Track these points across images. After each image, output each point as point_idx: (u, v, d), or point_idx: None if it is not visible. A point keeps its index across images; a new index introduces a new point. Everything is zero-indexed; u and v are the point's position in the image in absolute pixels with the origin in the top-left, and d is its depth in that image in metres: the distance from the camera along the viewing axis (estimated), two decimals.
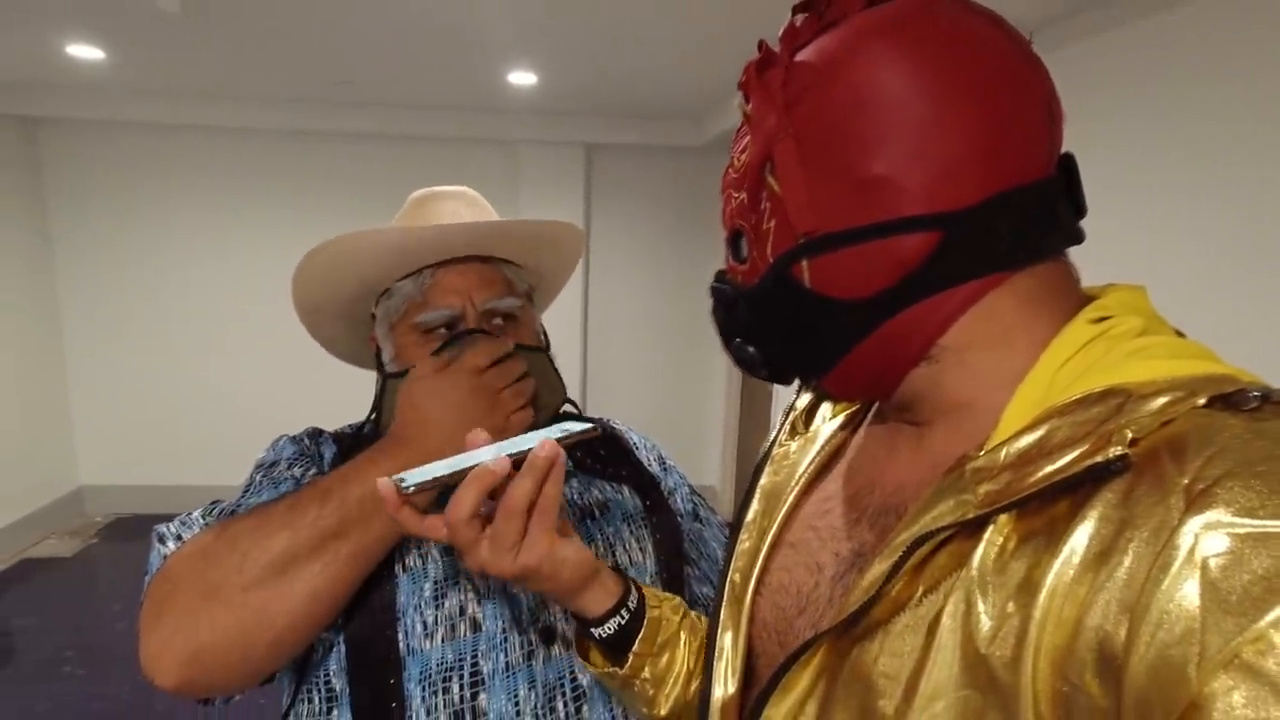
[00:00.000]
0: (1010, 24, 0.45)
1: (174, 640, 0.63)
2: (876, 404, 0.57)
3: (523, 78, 3.04)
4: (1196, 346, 0.41)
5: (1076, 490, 0.35)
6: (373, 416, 0.87)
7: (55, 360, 4.11)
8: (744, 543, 0.60)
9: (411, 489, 0.55)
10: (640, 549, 0.87)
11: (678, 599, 0.72)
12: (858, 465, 0.55)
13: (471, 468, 0.56)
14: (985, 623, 0.36)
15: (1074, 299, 0.45)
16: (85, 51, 2.82)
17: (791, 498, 0.57)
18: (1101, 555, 0.33)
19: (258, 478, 0.80)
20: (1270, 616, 0.27)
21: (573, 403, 0.92)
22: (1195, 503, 0.31)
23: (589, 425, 0.62)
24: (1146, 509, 0.32)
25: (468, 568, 0.59)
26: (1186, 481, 0.31)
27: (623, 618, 0.64)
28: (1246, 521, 0.29)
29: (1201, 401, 0.35)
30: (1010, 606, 0.35)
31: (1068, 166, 0.45)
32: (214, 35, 2.60)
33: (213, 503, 0.76)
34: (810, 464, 0.58)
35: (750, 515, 0.61)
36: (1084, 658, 0.32)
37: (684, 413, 4.60)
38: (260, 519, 0.67)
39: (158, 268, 4.10)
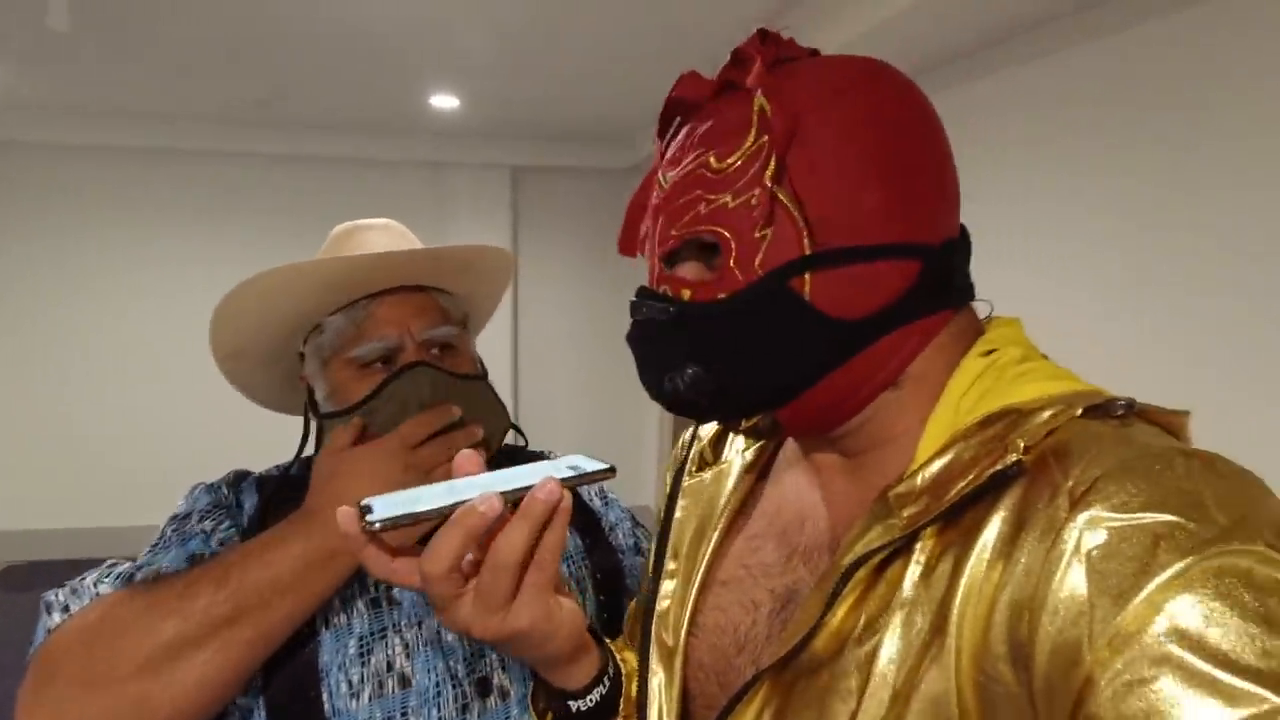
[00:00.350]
0: None
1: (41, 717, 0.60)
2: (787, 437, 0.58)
3: (445, 101, 3.05)
4: (1065, 370, 0.46)
5: (982, 499, 0.39)
6: (303, 458, 0.83)
7: None
8: (666, 583, 0.58)
9: (378, 526, 0.44)
10: (580, 590, 0.85)
11: (628, 648, 0.69)
12: (784, 500, 0.55)
13: (455, 505, 0.45)
14: (920, 638, 0.39)
15: (976, 335, 0.49)
16: None
17: (716, 535, 0.56)
18: (1004, 554, 0.37)
19: (168, 531, 0.76)
20: (1143, 595, 0.31)
21: (517, 428, 0.90)
22: (1078, 502, 0.35)
23: (604, 466, 0.49)
24: (1038, 510, 0.37)
25: (447, 626, 0.49)
26: (1070, 484, 0.36)
27: (604, 687, 0.58)
28: (1120, 516, 0.34)
29: (1079, 412, 0.40)
30: (937, 618, 0.39)
31: (965, 232, 0.51)
32: (113, 53, 2.53)
33: (109, 565, 0.71)
34: (729, 500, 0.57)
35: (670, 553, 0.60)
36: (997, 650, 0.36)
37: (617, 433, 4.62)
38: (151, 600, 0.63)
39: (57, 298, 3.89)
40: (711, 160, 0.46)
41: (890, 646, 0.40)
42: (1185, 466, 0.35)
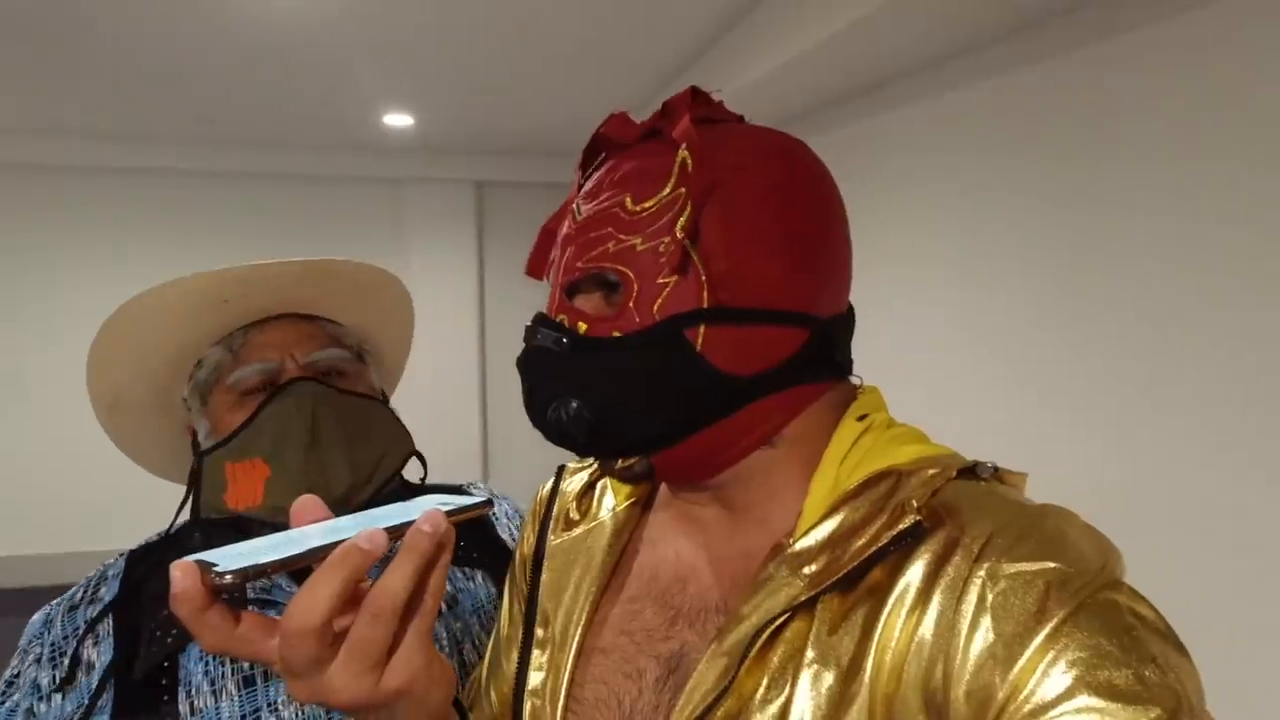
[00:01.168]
0: None
1: None
2: (660, 490, 0.57)
3: (399, 119, 2.96)
4: (919, 431, 0.51)
5: (885, 559, 0.41)
6: (191, 517, 0.76)
7: None
8: (538, 653, 0.55)
9: (228, 579, 0.36)
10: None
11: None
12: (661, 561, 0.53)
13: (330, 545, 0.39)
14: (830, 697, 0.40)
15: (849, 403, 0.52)
16: None
17: (590, 601, 0.54)
18: (915, 608, 0.39)
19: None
20: (1042, 636, 0.36)
21: (419, 455, 0.83)
22: (979, 557, 0.39)
23: (480, 499, 0.46)
24: (944, 567, 0.39)
25: (301, 699, 0.41)
26: (967, 540, 0.40)
27: None
28: (1014, 565, 0.38)
29: (954, 474, 0.44)
30: (849, 674, 0.40)
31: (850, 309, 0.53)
32: (52, 70, 2.40)
33: None
34: (603, 562, 0.55)
35: (540, 619, 0.57)
36: (912, 701, 0.38)
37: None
38: None
39: (8, 315, 3.74)
40: (628, 201, 0.47)
41: (801, 703, 0.40)
42: (1055, 520, 0.41)
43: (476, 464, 4.21)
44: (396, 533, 0.41)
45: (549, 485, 0.66)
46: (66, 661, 0.69)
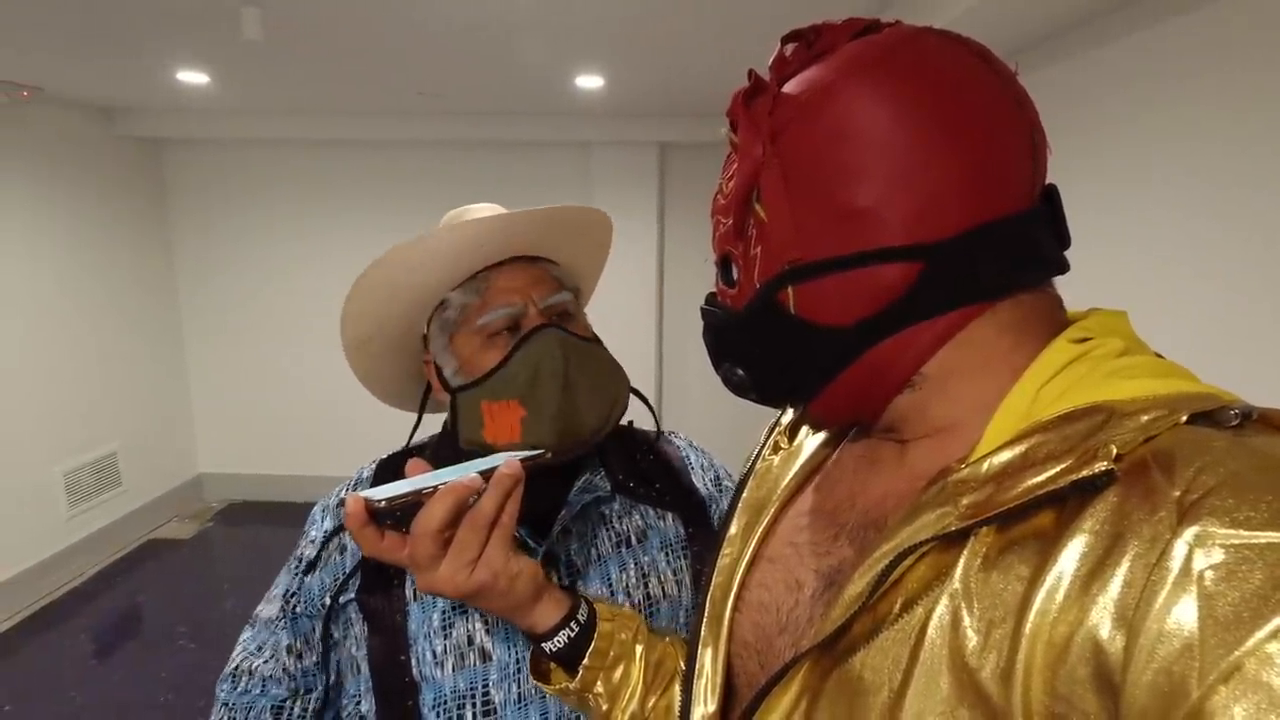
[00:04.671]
0: (996, 56, 0.45)
1: None
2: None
3: (590, 81, 3.06)
4: (1177, 366, 0.42)
5: (1061, 504, 0.35)
6: (417, 431, 0.90)
7: (177, 361, 4.51)
8: (724, 558, 0.59)
9: (383, 503, 0.57)
10: (676, 581, 0.84)
11: (636, 615, 0.71)
12: (836, 479, 0.54)
13: (439, 484, 0.58)
14: (972, 637, 0.36)
15: (1057, 325, 0.45)
16: (192, 77, 3.05)
17: (771, 512, 0.57)
18: (1095, 571, 0.32)
19: (285, 575, 0.87)
20: (1267, 628, 0.27)
21: (637, 392, 0.89)
22: (1187, 515, 0.30)
23: (538, 450, 0.68)
24: (1137, 523, 0.32)
25: (419, 587, 0.61)
26: (1178, 494, 0.31)
27: (572, 630, 0.65)
28: (1240, 534, 0.29)
29: (1184, 419, 0.35)
30: (998, 623, 0.35)
31: (1051, 198, 0.46)
32: (299, 56, 2.76)
33: (242, 641, 0.87)
34: (792, 479, 0.58)
35: (732, 530, 0.60)
36: (1079, 674, 0.32)
37: (761, 420, 4.52)
38: None
39: (264, 270, 4.42)
40: (722, 186, 0.50)
41: (936, 633, 0.37)
42: None
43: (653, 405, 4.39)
44: (487, 475, 0.60)
45: (773, 420, 0.69)
46: (326, 545, 0.85)
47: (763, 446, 0.66)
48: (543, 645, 0.66)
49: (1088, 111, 2.03)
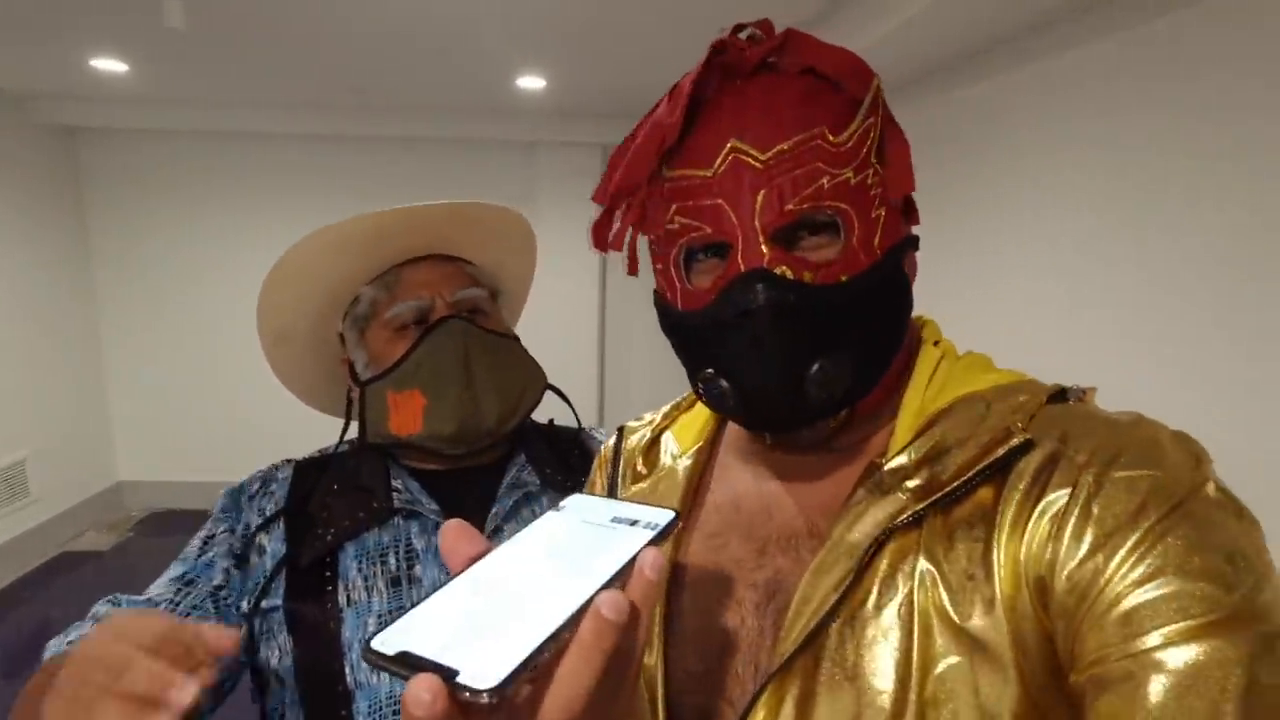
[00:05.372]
0: None
1: None
2: (725, 434, 0.59)
3: (531, 82, 3.04)
4: (987, 358, 0.52)
5: (991, 478, 0.43)
6: (347, 440, 0.87)
7: (94, 361, 4.27)
8: None
9: (485, 697, 0.26)
10: None
11: None
12: (739, 494, 0.54)
13: (565, 623, 0.30)
14: (952, 601, 0.41)
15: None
16: (109, 65, 2.90)
17: (672, 540, 0.55)
18: (1031, 516, 0.41)
19: (196, 538, 0.81)
20: (1142, 529, 0.38)
21: (554, 388, 0.90)
22: (1085, 467, 0.41)
23: (671, 517, 0.38)
24: (1054, 476, 0.42)
25: None
26: (1071, 453, 0.42)
27: None
28: (1118, 473, 0.40)
29: (1044, 399, 0.46)
30: (968, 579, 0.42)
31: None
32: (225, 47, 2.66)
33: (111, 598, 0.76)
34: (681, 502, 0.55)
35: None
36: (1027, 595, 0.40)
37: None
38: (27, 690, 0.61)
39: (188, 268, 4.22)
40: (827, 134, 0.43)
41: (923, 599, 0.42)
42: (1148, 430, 0.43)
43: (593, 413, 4.36)
44: (622, 577, 0.33)
45: (610, 444, 0.65)
46: (249, 542, 0.81)
47: (616, 478, 0.61)
48: None
49: (1018, 127, 2.11)
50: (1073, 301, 1.89)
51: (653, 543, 0.35)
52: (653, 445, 0.62)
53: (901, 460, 0.45)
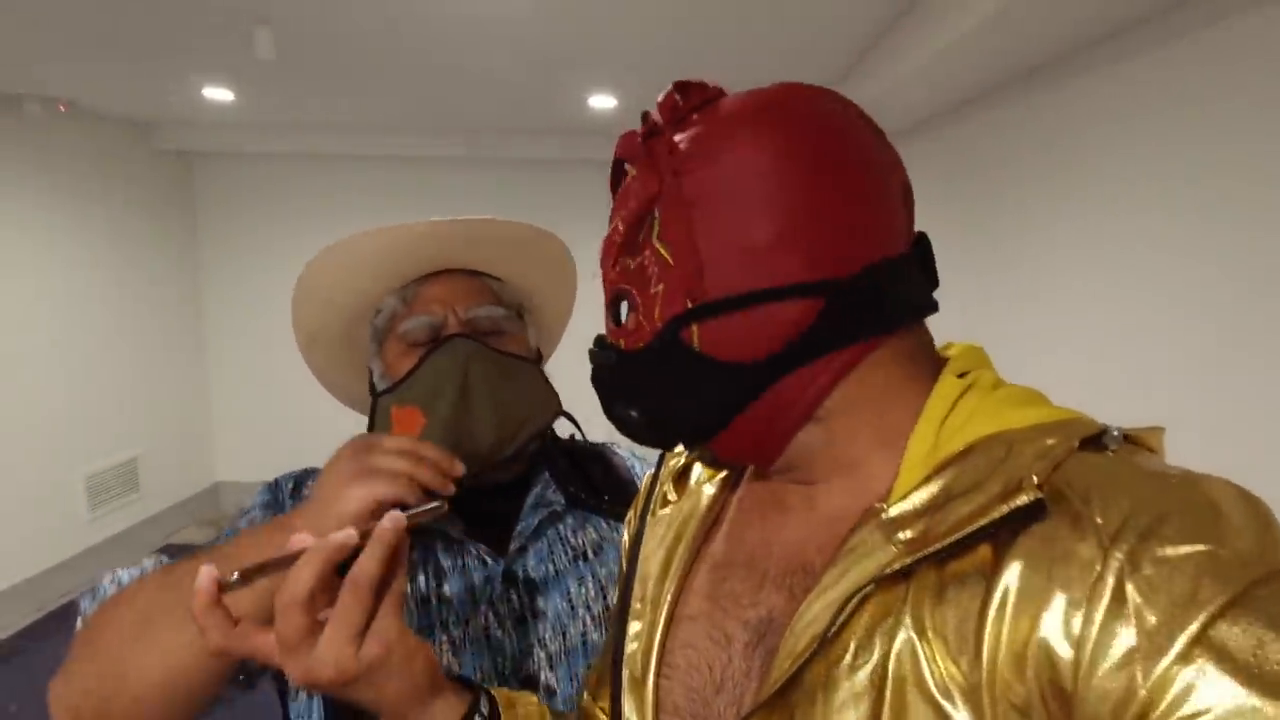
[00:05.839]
0: (870, 118, 0.49)
1: (59, 689, 0.63)
2: (750, 467, 0.56)
3: (602, 100, 3.10)
4: (1036, 392, 0.46)
5: (995, 536, 0.37)
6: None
7: (200, 371, 4.61)
8: (634, 624, 0.56)
9: (235, 577, 0.45)
10: (599, 629, 0.82)
11: (528, 695, 0.64)
12: (744, 527, 0.53)
13: (303, 550, 0.48)
14: (931, 670, 0.37)
15: (934, 359, 0.49)
16: (218, 93, 3.15)
17: (679, 568, 0.55)
18: (1038, 594, 0.35)
19: (239, 524, 0.81)
20: (1193, 628, 0.31)
21: (568, 415, 0.88)
22: (1115, 539, 0.34)
23: (434, 505, 0.57)
24: (1072, 548, 0.35)
25: (294, 679, 0.49)
26: (1099, 520, 0.35)
27: None
28: (1158, 550, 0.33)
29: (1077, 445, 0.39)
30: (956, 653, 0.37)
31: (922, 243, 0.49)
32: (314, 74, 2.84)
33: (158, 557, 0.77)
34: (694, 531, 0.56)
35: (637, 592, 0.57)
36: (1035, 691, 0.35)
37: None
38: (159, 574, 0.65)
39: (286, 282, 4.40)
40: (619, 224, 0.49)
41: (898, 669, 0.38)
42: (1204, 492, 0.36)
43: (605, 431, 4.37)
44: (365, 533, 0.50)
45: (652, 472, 0.67)
46: None
47: (648, 501, 0.64)
48: None
49: (1081, 139, 2.01)
50: (1149, 324, 1.76)
51: (410, 515, 0.52)
52: (686, 472, 0.62)
53: (902, 507, 0.41)
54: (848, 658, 0.40)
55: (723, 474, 0.58)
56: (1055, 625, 0.34)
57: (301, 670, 0.48)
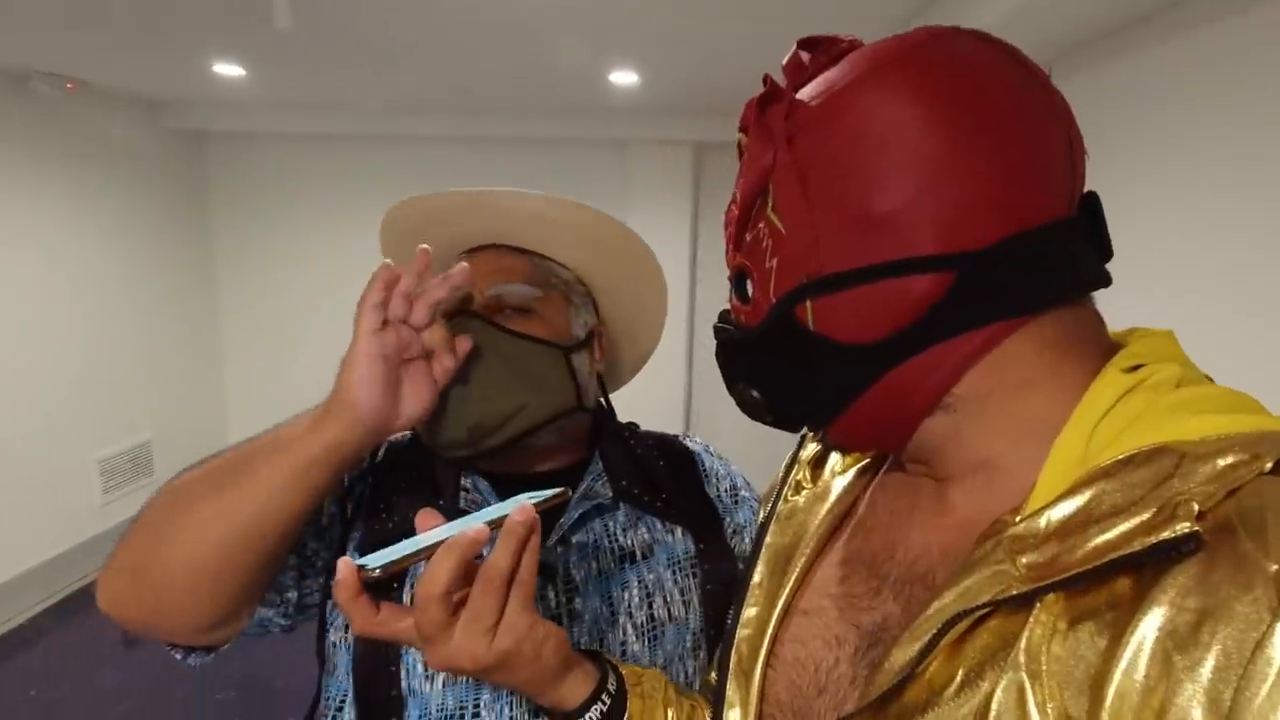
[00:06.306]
0: (1028, 58, 0.42)
1: (102, 577, 0.67)
2: (891, 457, 0.54)
3: (624, 77, 3.00)
4: (1243, 397, 0.38)
5: (1139, 569, 0.32)
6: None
7: (214, 353, 4.57)
8: (749, 609, 0.55)
9: (377, 572, 0.48)
10: (684, 601, 0.79)
11: (662, 676, 0.65)
12: (875, 524, 0.51)
13: (440, 543, 0.50)
14: (1039, 718, 0.32)
15: (1100, 345, 0.43)
16: (228, 69, 3.07)
17: (804, 561, 0.53)
18: (1180, 650, 0.29)
19: None
20: None
21: (601, 405, 0.85)
22: None
23: (558, 490, 0.58)
24: (1229, 599, 0.29)
25: (432, 665, 0.52)
26: (1275, 569, 0.28)
27: (604, 703, 0.58)
28: None
29: (1269, 466, 0.32)
30: (1071, 704, 0.32)
31: (1092, 206, 0.42)
32: (331, 51, 2.75)
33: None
34: (821, 522, 0.54)
35: (756, 578, 0.56)
36: None
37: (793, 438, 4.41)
38: (200, 467, 0.68)
39: (300, 263, 4.46)
40: (736, 197, 0.47)
41: (1004, 713, 0.33)
42: None
43: (679, 418, 4.28)
44: (496, 524, 0.51)
45: (791, 454, 0.65)
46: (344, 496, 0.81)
47: (783, 486, 0.62)
48: None
49: (1126, 119, 1.90)
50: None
51: (537, 504, 0.53)
52: (823, 458, 0.60)
53: (1032, 525, 0.36)
54: (953, 687, 0.36)
55: (861, 464, 0.55)
56: (1198, 694, 0.28)
57: (440, 658, 0.51)
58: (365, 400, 0.62)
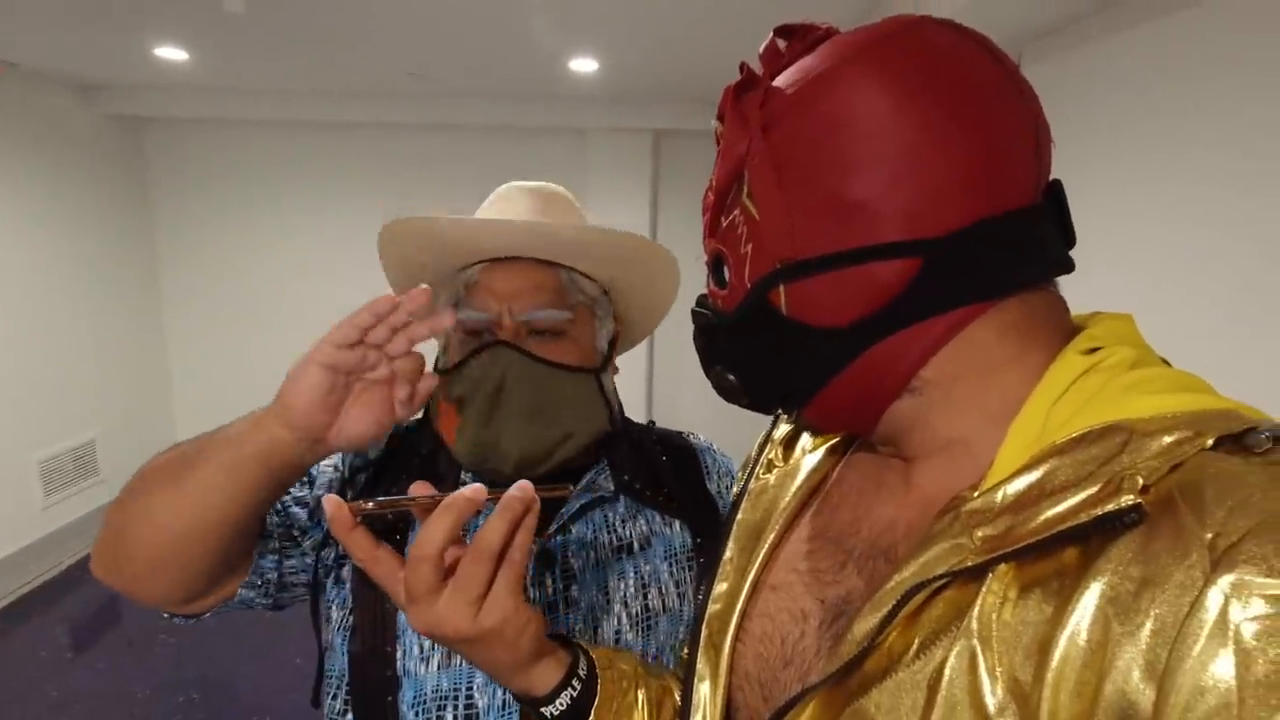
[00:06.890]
0: (997, 46, 0.44)
1: (94, 549, 0.68)
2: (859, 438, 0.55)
3: (583, 64, 2.98)
4: (1194, 378, 0.40)
5: (1085, 540, 0.33)
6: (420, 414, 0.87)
7: (158, 347, 4.41)
8: (720, 585, 0.56)
9: (370, 506, 0.50)
10: (679, 593, 0.81)
11: (633, 655, 0.66)
12: (841, 501, 0.52)
13: (434, 496, 0.51)
14: (989, 683, 0.34)
15: (1062, 329, 0.44)
16: (170, 53, 2.95)
17: (772, 536, 0.54)
18: (1120, 616, 0.31)
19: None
20: None
21: (619, 423, 0.85)
22: (1221, 562, 0.29)
23: (559, 485, 0.60)
24: (1166, 566, 0.30)
25: (414, 626, 0.52)
26: (1209, 536, 0.30)
27: (574, 689, 0.58)
28: (1275, 582, 0.27)
29: (1210, 442, 0.33)
30: (1019, 668, 0.33)
31: (1056, 194, 0.44)
32: (284, 33, 2.67)
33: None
34: (791, 499, 0.55)
35: (728, 554, 0.57)
36: None
37: (753, 426, 4.47)
38: (175, 450, 0.68)
39: (247, 254, 4.32)
40: (712, 182, 0.48)
41: (953, 679, 0.35)
42: None
43: (641, 401, 4.31)
44: (496, 497, 0.52)
45: (764, 433, 0.66)
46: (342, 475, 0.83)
47: (755, 464, 0.63)
48: (542, 711, 0.58)
49: (1087, 109, 1.97)
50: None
51: (539, 488, 0.53)
52: (795, 438, 0.61)
53: (988, 499, 0.37)
54: (909, 654, 0.38)
55: (830, 443, 0.56)
56: (1137, 656, 0.30)
57: (423, 622, 0.51)
58: (303, 407, 0.60)
